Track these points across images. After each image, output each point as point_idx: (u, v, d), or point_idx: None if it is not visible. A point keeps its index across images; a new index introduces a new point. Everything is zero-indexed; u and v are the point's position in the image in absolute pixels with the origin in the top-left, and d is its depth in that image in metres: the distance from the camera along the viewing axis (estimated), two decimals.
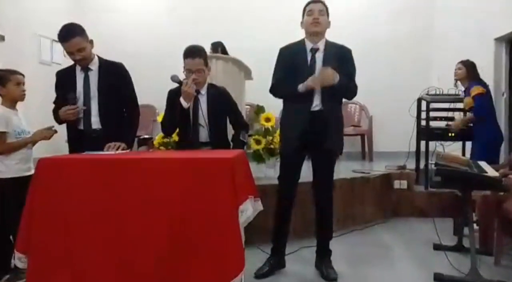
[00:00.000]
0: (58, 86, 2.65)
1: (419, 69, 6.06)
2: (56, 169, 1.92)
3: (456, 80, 4.12)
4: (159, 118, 3.15)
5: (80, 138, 2.57)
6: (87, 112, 2.57)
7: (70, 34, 2.45)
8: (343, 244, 3.32)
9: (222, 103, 2.75)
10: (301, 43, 2.67)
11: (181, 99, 2.57)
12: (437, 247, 3.13)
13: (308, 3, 2.65)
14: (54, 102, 2.67)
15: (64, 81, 2.61)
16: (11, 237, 2.51)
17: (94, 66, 2.59)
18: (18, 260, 1.90)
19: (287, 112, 2.75)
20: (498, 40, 4.54)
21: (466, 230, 2.92)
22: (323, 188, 2.73)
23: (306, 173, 2.82)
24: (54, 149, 4.62)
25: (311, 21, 2.58)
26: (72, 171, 1.92)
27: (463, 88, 4.12)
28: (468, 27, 5.07)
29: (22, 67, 2.93)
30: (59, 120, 2.60)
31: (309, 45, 2.64)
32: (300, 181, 2.79)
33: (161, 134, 3.59)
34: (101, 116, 2.56)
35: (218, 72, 3.89)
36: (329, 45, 2.64)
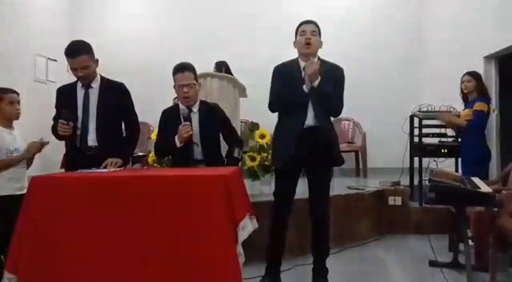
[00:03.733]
0: (59, 103, 2.62)
1: (410, 86, 6.14)
2: (48, 188, 1.90)
3: (465, 93, 3.88)
4: (153, 136, 3.14)
5: (75, 155, 2.54)
6: (84, 130, 2.54)
7: (78, 51, 2.45)
8: (338, 261, 3.29)
9: (214, 120, 2.75)
10: (294, 62, 2.72)
11: (176, 139, 2.61)
12: (433, 263, 3.11)
13: (301, 24, 2.70)
14: (54, 119, 2.61)
15: (65, 97, 2.59)
16: (1, 256, 2.46)
17: (96, 84, 2.58)
18: (8, 281, 1.85)
19: (281, 128, 2.75)
20: (488, 58, 4.62)
21: (461, 246, 2.92)
22: (320, 203, 2.71)
23: (302, 189, 2.80)
24: (48, 167, 4.58)
25: (303, 42, 2.63)
26: (65, 190, 1.90)
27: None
28: (458, 45, 5.17)
29: (17, 85, 2.93)
30: (58, 136, 2.55)
31: (302, 64, 2.68)
32: (295, 197, 2.77)
33: None
34: (98, 134, 2.54)
35: (213, 90, 3.92)
36: (322, 63, 2.66)
